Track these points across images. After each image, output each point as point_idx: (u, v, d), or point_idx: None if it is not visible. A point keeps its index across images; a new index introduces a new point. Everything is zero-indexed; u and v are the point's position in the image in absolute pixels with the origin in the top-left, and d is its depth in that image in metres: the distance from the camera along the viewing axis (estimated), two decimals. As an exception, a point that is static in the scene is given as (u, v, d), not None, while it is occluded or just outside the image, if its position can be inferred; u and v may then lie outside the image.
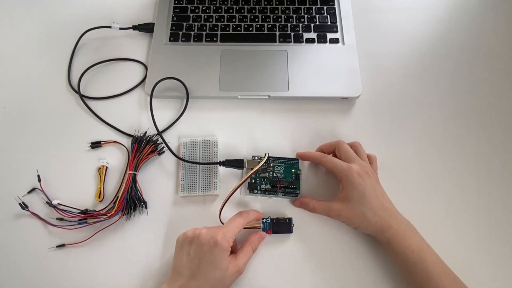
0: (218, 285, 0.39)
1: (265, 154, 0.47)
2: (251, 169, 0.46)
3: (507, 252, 0.46)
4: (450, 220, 0.48)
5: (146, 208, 0.47)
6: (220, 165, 0.48)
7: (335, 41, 0.57)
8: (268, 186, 0.47)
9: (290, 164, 0.49)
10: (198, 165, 0.49)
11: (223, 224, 0.44)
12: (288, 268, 0.45)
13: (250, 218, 0.43)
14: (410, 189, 0.49)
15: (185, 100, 0.54)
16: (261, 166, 0.45)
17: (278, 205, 0.48)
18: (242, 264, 0.41)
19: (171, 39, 0.58)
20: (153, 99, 0.52)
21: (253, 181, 0.48)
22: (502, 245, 0.46)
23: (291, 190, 0.47)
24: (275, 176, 0.47)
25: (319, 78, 0.54)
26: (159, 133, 0.50)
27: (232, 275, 0.40)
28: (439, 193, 0.49)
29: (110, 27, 0.59)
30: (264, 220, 0.46)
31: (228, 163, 0.48)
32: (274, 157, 0.49)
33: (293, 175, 0.48)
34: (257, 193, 0.48)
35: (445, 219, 0.48)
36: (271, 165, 0.48)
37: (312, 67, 0.55)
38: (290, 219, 0.46)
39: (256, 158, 0.49)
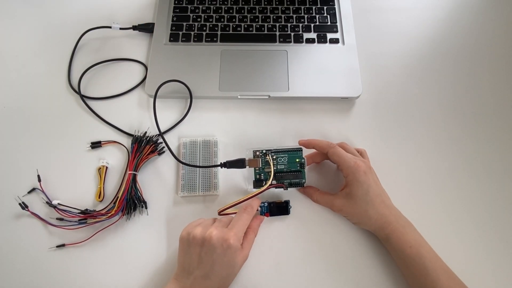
0: (230, 277, 0.41)
1: (267, 153, 0.47)
2: (254, 168, 0.46)
3: (507, 251, 0.46)
4: (450, 219, 0.48)
5: (146, 208, 0.47)
6: (221, 167, 0.48)
7: (335, 41, 0.57)
8: (274, 182, 0.47)
9: (294, 153, 0.48)
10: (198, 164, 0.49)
11: (224, 214, 0.45)
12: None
13: (255, 210, 0.44)
14: (410, 189, 0.49)
15: (186, 101, 0.54)
16: (268, 187, 0.45)
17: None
18: (248, 251, 0.42)
19: (171, 39, 0.58)
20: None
21: (258, 176, 0.48)
22: (501, 244, 0.46)
23: (297, 181, 0.47)
24: (280, 169, 0.47)
25: (319, 78, 0.54)
26: (161, 134, 0.50)
27: (241, 265, 0.41)
28: (440, 192, 0.49)
29: (110, 27, 0.59)
30: (262, 205, 0.46)
31: (229, 164, 0.47)
32: (277, 150, 0.48)
33: (298, 165, 0.48)
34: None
35: (445, 218, 0.48)
36: (274, 156, 0.48)
37: (312, 67, 0.55)
38: (287, 202, 0.47)
39: (258, 153, 0.48)
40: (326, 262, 0.45)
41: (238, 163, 0.47)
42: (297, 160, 0.48)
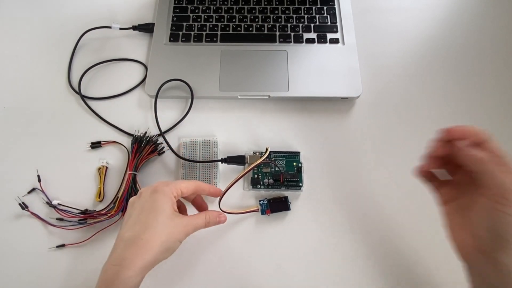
0: (162, 233, 0.34)
1: (266, 149, 0.47)
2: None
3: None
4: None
5: (146, 208, 0.47)
6: (222, 162, 0.48)
7: (335, 41, 0.57)
8: (271, 181, 0.48)
9: (292, 157, 0.49)
10: (198, 164, 0.49)
11: (223, 211, 0.45)
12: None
13: (207, 186, 0.42)
14: (410, 190, 0.49)
15: (186, 101, 0.54)
16: (264, 159, 0.46)
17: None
18: (190, 224, 0.37)
19: (171, 39, 0.58)
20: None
21: (256, 176, 0.48)
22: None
23: (294, 183, 0.47)
24: (278, 170, 0.48)
25: (319, 78, 0.54)
26: (162, 134, 0.51)
27: (178, 227, 0.36)
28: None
29: (110, 27, 0.59)
30: (261, 202, 0.47)
31: (229, 159, 0.49)
32: (275, 151, 0.50)
33: (295, 168, 0.48)
34: (260, 188, 0.48)
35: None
36: (273, 159, 0.49)
37: (312, 67, 0.55)
38: (286, 197, 0.47)
39: (257, 153, 0.49)
40: (327, 260, 0.45)
41: (238, 159, 0.48)
42: (295, 163, 0.49)
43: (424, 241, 0.45)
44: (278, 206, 0.47)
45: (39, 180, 0.49)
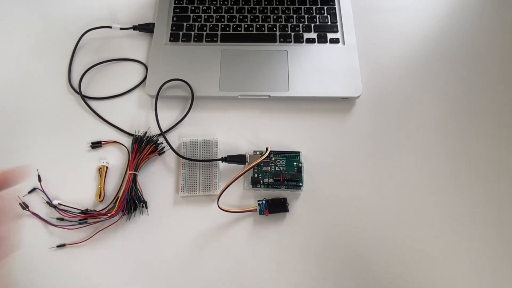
0: None
1: (266, 149, 0.48)
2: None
3: (506, 256, 0.46)
4: (451, 219, 0.48)
5: (146, 208, 0.47)
6: (222, 161, 0.48)
7: (335, 41, 0.57)
8: (271, 180, 0.48)
9: (292, 157, 0.49)
10: (198, 164, 0.49)
11: (221, 209, 0.45)
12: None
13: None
14: (410, 190, 0.49)
15: (186, 101, 0.54)
16: (264, 158, 0.46)
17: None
18: None
19: (171, 39, 0.58)
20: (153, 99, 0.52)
21: (256, 175, 0.48)
22: (501, 248, 0.46)
23: (294, 183, 0.47)
24: (278, 169, 0.48)
25: (319, 78, 0.54)
26: (163, 134, 0.51)
27: None
28: (440, 192, 0.49)
29: (110, 27, 0.59)
30: (260, 202, 0.47)
31: (230, 158, 0.49)
32: (276, 151, 0.50)
33: (295, 168, 0.48)
34: (260, 187, 0.48)
35: (445, 221, 0.48)
36: (273, 158, 0.49)
37: (312, 67, 0.55)
38: (285, 199, 0.47)
39: (258, 153, 0.49)
40: (326, 262, 0.45)
41: (238, 158, 0.49)
42: (295, 163, 0.49)
43: (425, 235, 0.46)
44: (276, 207, 0.47)
45: (40, 180, 0.49)
